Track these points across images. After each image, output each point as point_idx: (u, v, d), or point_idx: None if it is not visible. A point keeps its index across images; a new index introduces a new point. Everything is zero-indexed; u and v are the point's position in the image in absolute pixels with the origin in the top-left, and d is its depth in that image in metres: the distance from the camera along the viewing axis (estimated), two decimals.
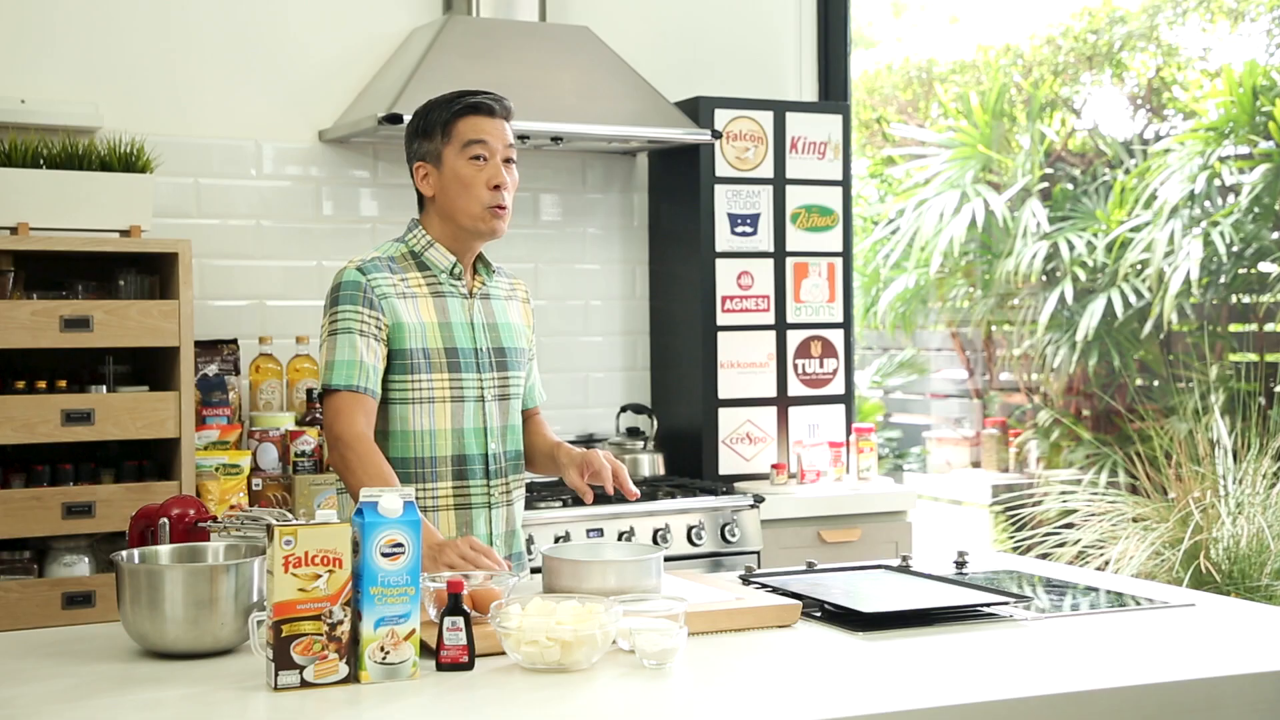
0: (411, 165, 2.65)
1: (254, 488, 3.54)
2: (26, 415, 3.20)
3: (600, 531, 3.69)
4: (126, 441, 3.37)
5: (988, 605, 2.33)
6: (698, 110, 4.15)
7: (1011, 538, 5.18)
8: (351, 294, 2.53)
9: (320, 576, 1.90)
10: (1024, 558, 3.32)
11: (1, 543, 3.23)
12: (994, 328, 7.95)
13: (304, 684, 1.89)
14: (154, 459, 3.44)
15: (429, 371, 2.56)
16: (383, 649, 1.93)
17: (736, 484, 4.06)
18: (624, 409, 4.26)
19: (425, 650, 2.01)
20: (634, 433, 4.18)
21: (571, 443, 4.26)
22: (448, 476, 2.60)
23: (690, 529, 3.77)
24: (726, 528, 3.81)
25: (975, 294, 7.86)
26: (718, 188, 4.18)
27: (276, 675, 1.88)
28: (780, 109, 4.27)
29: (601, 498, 3.80)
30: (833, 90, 4.64)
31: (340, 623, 1.91)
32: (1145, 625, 2.28)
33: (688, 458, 4.22)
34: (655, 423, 4.18)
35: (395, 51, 4.08)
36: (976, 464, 7.87)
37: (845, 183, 4.35)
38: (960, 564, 2.73)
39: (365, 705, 1.86)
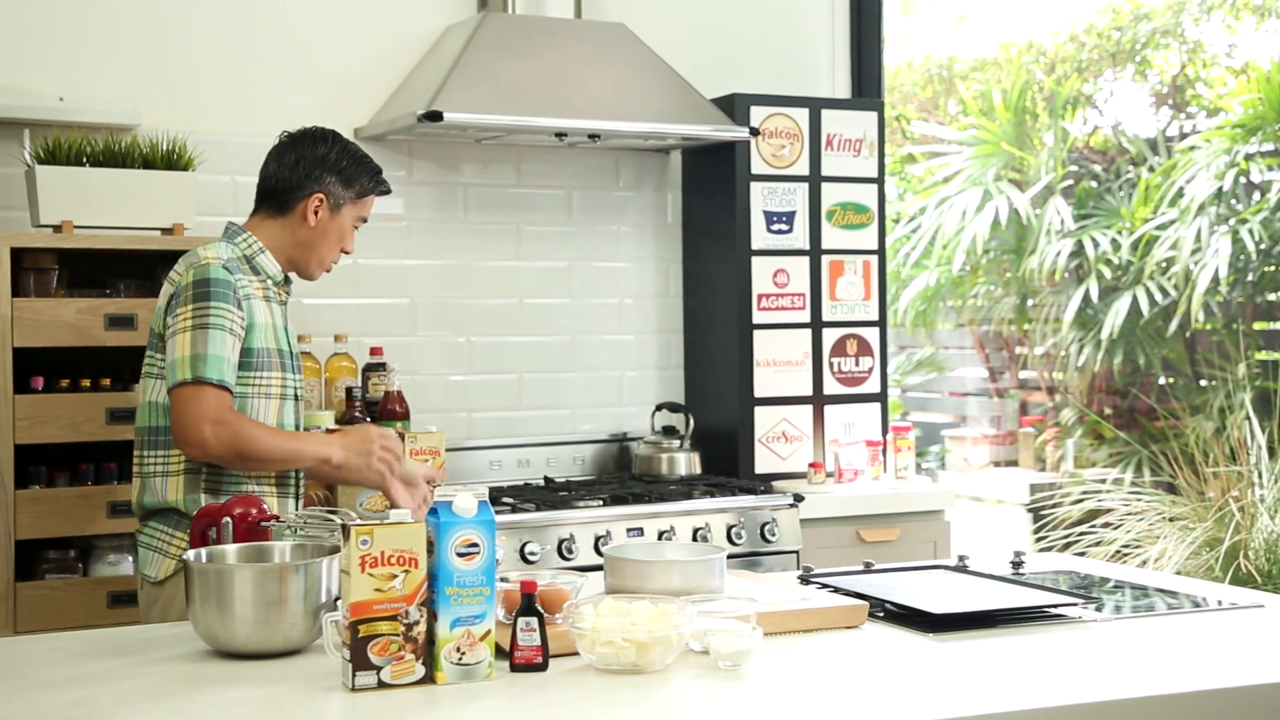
0: (308, 190, 2.75)
1: None
2: (72, 414, 3.19)
3: (640, 531, 3.67)
4: None
5: (1056, 606, 2.32)
6: (733, 107, 4.14)
7: (1044, 537, 5.16)
8: (224, 291, 2.61)
9: (396, 576, 1.88)
10: (1081, 558, 3.31)
11: (47, 541, 3.22)
12: (1013, 326, 7.94)
13: (381, 684, 1.88)
14: None
15: (269, 369, 2.70)
16: (459, 650, 1.92)
17: (774, 483, 4.04)
18: (659, 407, 4.24)
19: (497, 652, 2.00)
20: (669, 431, 4.17)
21: (604, 441, 4.33)
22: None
23: (730, 528, 3.75)
24: (766, 527, 3.79)
25: (997, 292, 7.84)
26: (753, 185, 4.17)
27: (354, 676, 1.87)
28: (816, 106, 4.25)
29: (638, 497, 3.79)
30: (866, 87, 4.62)
31: (416, 623, 1.90)
32: (1218, 627, 2.26)
33: (723, 456, 4.20)
34: (691, 421, 4.16)
35: (430, 49, 4.07)
36: (998, 463, 7.85)
37: (880, 180, 4.34)
38: (1016, 564, 2.72)
39: (443, 706, 1.85)
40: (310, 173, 2.75)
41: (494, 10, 4.02)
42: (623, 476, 4.18)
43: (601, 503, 3.69)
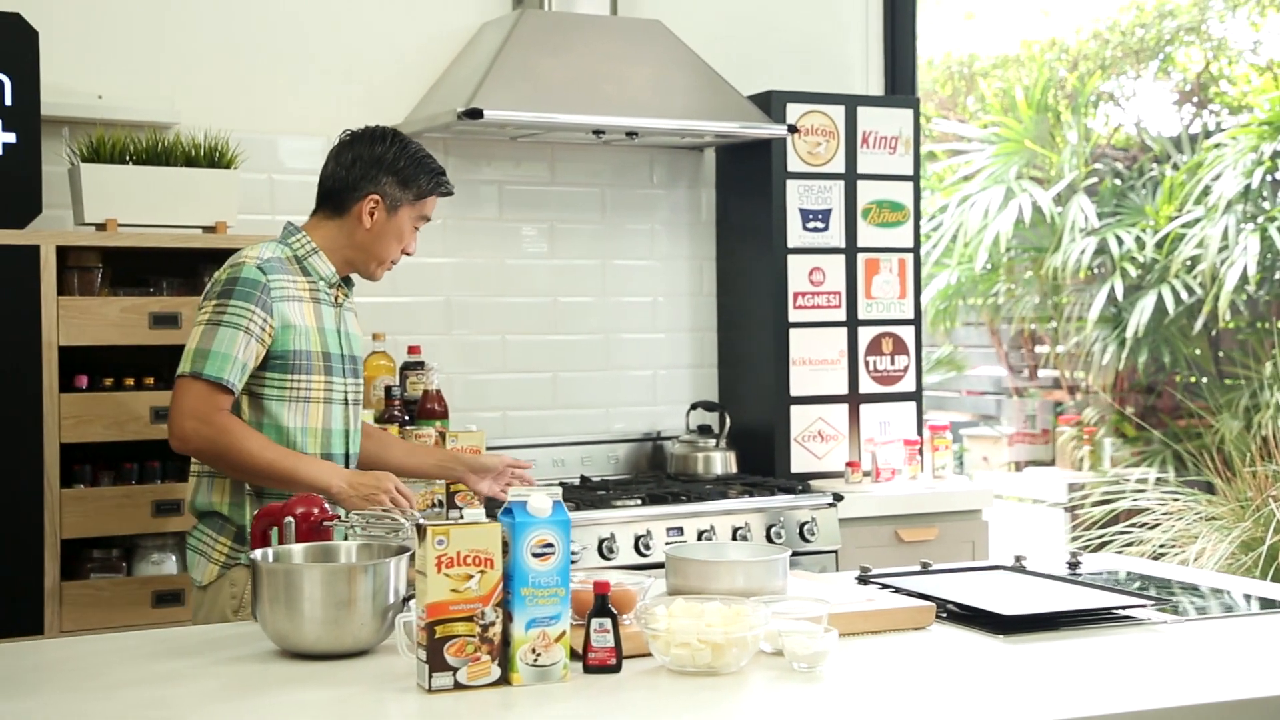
0: (364, 190, 2.69)
1: None
2: (116, 413, 3.18)
3: (680, 530, 3.66)
4: None
5: (1126, 607, 2.29)
6: (769, 104, 4.12)
7: (1079, 537, 5.13)
8: (249, 291, 2.58)
9: (472, 577, 1.87)
10: (1138, 559, 3.29)
11: (92, 541, 3.20)
12: (1034, 325, 7.91)
13: (457, 686, 1.86)
14: None
15: (309, 373, 2.65)
16: (534, 650, 1.90)
17: (811, 482, 4.03)
18: (694, 406, 4.22)
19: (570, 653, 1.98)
20: (704, 430, 4.15)
21: (638, 440, 4.31)
22: None
23: (769, 528, 3.74)
24: (805, 526, 3.77)
25: (1018, 291, 7.81)
26: (789, 183, 4.15)
27: (431, 677, 1.85)
28: (851, 103, 4.23)
29: (676, 496, 3.78)
30: (900, 84, 4.60)
31: (492, 624, 1.88)
32: None
33: (759, 456, 4.18)
34: (727, 420, 4.14)
35: (465, 46, 4.05)
36: (1019, 464, 7.82)
37: (916, 178, 4.32)
38: (1073, 565, 2.70)
39: (519, 708, 1.83)
40: (366, 173, 2.69)
41: (530, 7, 4.01)
42: (659, 475, 4.17)
43: (640, 502, 3.68)
